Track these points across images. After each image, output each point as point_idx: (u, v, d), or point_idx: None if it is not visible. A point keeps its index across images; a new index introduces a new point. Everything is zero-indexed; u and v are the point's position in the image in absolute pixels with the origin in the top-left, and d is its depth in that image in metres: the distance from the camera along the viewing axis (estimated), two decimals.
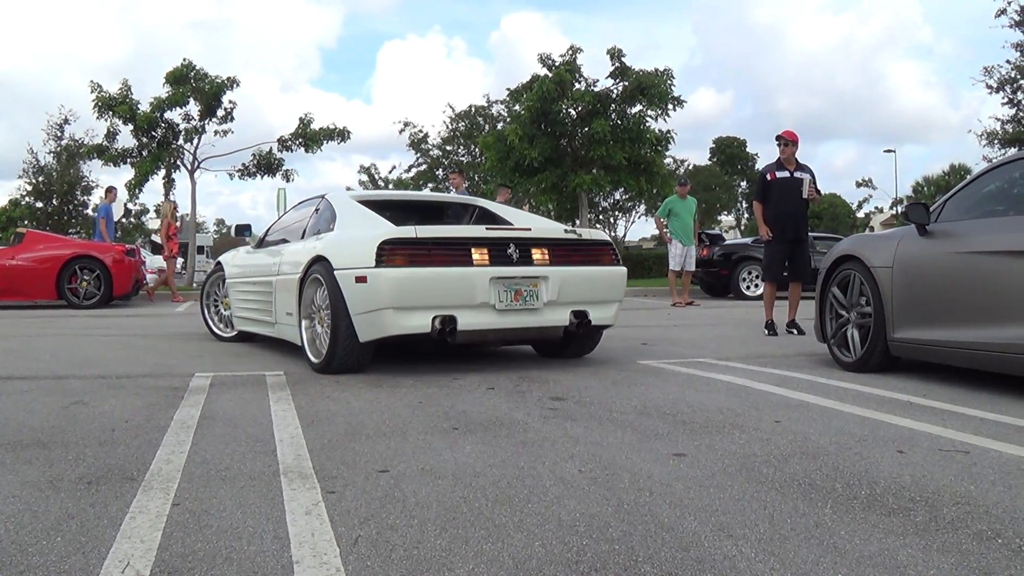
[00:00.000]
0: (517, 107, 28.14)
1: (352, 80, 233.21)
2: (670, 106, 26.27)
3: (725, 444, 3.92)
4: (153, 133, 25.07)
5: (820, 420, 4.50)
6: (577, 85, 26.75)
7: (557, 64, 26.63)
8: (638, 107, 26.65)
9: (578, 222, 29.03)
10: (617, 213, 62.86)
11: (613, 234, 60.78)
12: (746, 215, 76.57)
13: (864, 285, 6.39)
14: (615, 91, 26.71)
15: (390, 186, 50.56)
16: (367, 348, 6.25)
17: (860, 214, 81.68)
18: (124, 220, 32.17)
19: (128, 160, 25.48)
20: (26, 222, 37.45)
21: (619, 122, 26.47)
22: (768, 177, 9.83)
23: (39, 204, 39.51)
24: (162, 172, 25.70)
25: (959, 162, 72.40)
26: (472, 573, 2.33)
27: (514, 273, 6.25)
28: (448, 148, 47.76)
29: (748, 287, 19.39)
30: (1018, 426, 4.35)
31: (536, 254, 6.41)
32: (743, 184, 78.86)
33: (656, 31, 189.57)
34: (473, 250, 6.16)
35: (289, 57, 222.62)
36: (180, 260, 21.83)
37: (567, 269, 6.51)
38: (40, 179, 38.74)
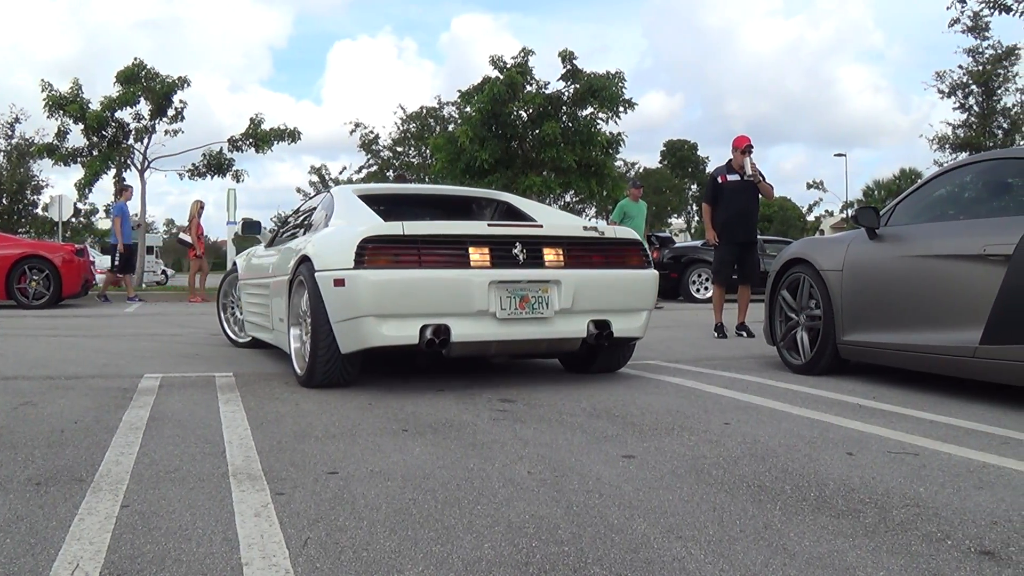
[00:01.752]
0: (468, 109, 28.08)
1: (302, 80, 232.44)
2: (621, 109, 26.34)
3: (674, 446, 3.95)
4: (103, 132, 24.82)
5: (769, 422, 4.54)
6: (528, 87, 26.74)
7: (508, 66, 26.59)
8: (589, 109, 26.69)
9: None
10: None
11: None
12: (696, 218, 76.95)
13: (814, 288, 6.45)
14: (566, 93, 26.75)
15: None
16: (351, 360, 5.56)
17: (810, 217, 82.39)
18: (73, 220, 31.77)
19: (78, 159, 25.25)
20: None
21: (570, 124, 26.47)
22: (719, 180, 9.85)
23: None
24: (112, 172, 25.47)
25: (910, 166, 73.43)
26: (421, 575, 2.33)
27: (519, 276, 5.51)
28: (399, 149, 47.57)
29: (698, 290, 19.55)
30: (967, 428, 4.41)
31: (548, 255, 5.67)
32: (694, 187, 79.34)
33: (607, 34, 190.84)
34: (471, 249, 5.44)
35: (239, 57, 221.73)
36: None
37: (584, 272, 5.76)
38: None
